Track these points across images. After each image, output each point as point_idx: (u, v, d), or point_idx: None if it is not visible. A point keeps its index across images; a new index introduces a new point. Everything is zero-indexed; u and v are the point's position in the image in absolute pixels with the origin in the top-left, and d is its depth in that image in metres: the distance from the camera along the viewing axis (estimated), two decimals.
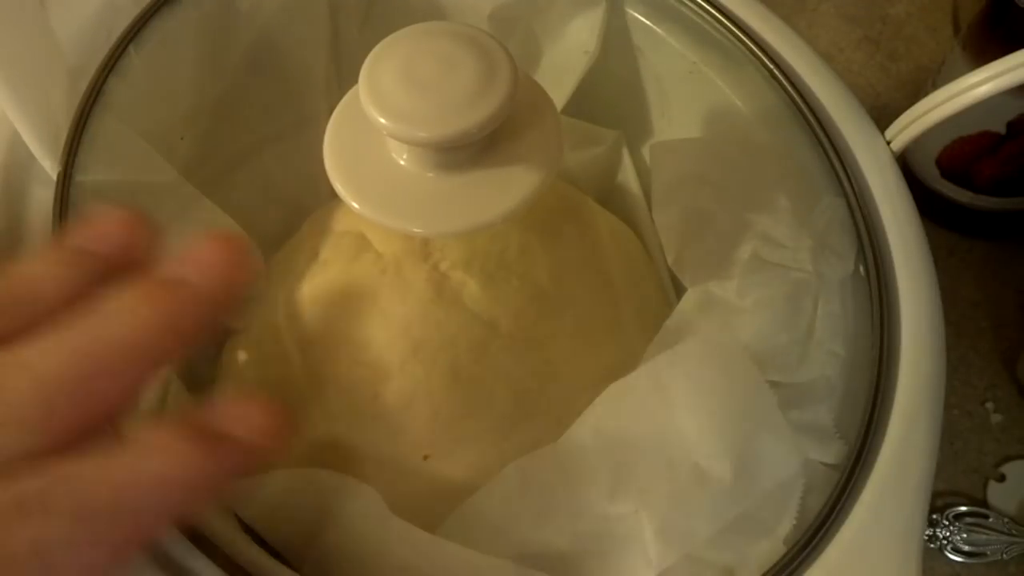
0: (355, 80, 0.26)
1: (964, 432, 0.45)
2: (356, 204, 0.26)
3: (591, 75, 0.36)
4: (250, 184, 0.36)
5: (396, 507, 0.26)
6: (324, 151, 0.27)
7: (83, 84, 0.29)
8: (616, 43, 0.36)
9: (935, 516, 0.42)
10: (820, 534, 0.25)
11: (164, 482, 0.20)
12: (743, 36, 0.32)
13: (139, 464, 0.20)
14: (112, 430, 0.22)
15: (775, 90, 0.32)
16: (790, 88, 0.32)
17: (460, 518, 0.28)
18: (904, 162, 0.42)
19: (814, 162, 0.31)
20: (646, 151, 0.38)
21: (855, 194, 0.30)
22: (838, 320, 0.29)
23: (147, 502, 0.20)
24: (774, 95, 0.32)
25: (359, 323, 0.31)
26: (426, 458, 0.29)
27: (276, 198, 0.37)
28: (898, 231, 0.30)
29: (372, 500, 0.27)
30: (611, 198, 0.38)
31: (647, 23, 0.35)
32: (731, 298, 0.30)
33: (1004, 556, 0.42)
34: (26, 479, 0.19)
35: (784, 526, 0.26)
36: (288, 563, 0.26)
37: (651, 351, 0.29)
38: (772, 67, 0.32)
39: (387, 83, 0.25)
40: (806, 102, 0.31)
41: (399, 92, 0.25)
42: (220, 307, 0.23)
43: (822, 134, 0.31)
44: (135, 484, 0.20)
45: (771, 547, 0.26)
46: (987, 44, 0.43)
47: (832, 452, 0.27)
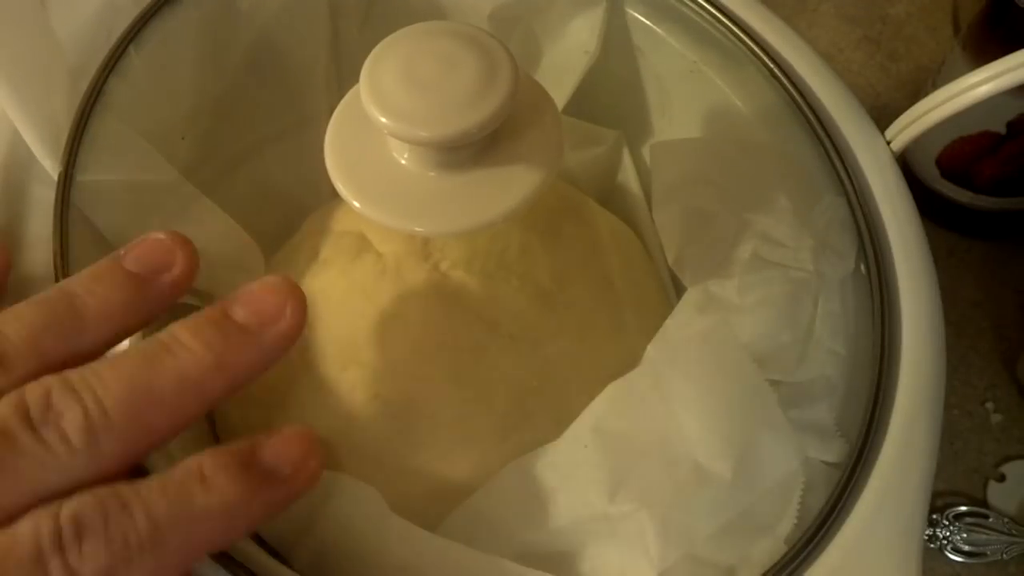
0: (355, 80, 0.26)
1: (964, 432, 0.45)
2: (357, 203, 0.26)
3: (591, 75, 0.36)
4: (250, 184, 0.36)
5: (396, 507, 0.26)
6: (325, 151, 0.27)
7: (83, 84, 0.29)
8: (616, 43, 0.36)
9: (935, 516, 0.42)
10: (821, 533, 0.25)
11: (205, 517, 0.20)
12: (743, 36, 0.32)
13: (181, 498, 0.20)
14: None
15: (775, 90, 0.32)
16: (790, 88, 0.32)
17: (460, 518, 0.28)
18: (904, 162, 0.42)
19: (814, 162, 0.31)
20: (646, 151, 0.38)
21: (855, 194, 0.30)
22: (838, 319, 0.29)
23: (186, 536, 0.20)
24: (774, 95, 0.32)
25: (359, 323, 0.31)
26: (426, 457, 0.29)
27: (276, 198, 0.37)
28: (898, 231, 0.30)
29: (372, 499, 0.27)
30: (611, 198, 0.38)
31: (647, 23, 0.35)
32: (731, 298, 0.30)
33: (1004, 556, 0.42)
34: (67, 510, 0.19)
35: (785, 525, 0.26)
36: (287, 561, 0.26)
37: (651, 351, 0.29)
38: (772, 67, 0.32)
39: (388, 82, 0.25)
40: (806, 102, 0.31)
41: (400, 91, 0.25)
42: (272, 355, 0.23)
43: (822, 134, 0.31)
44: (175, 518, 0.20)
45: (772, 546, 0.26)
46: (987, 44, 0.43)
47: (833, 451, 0.27)
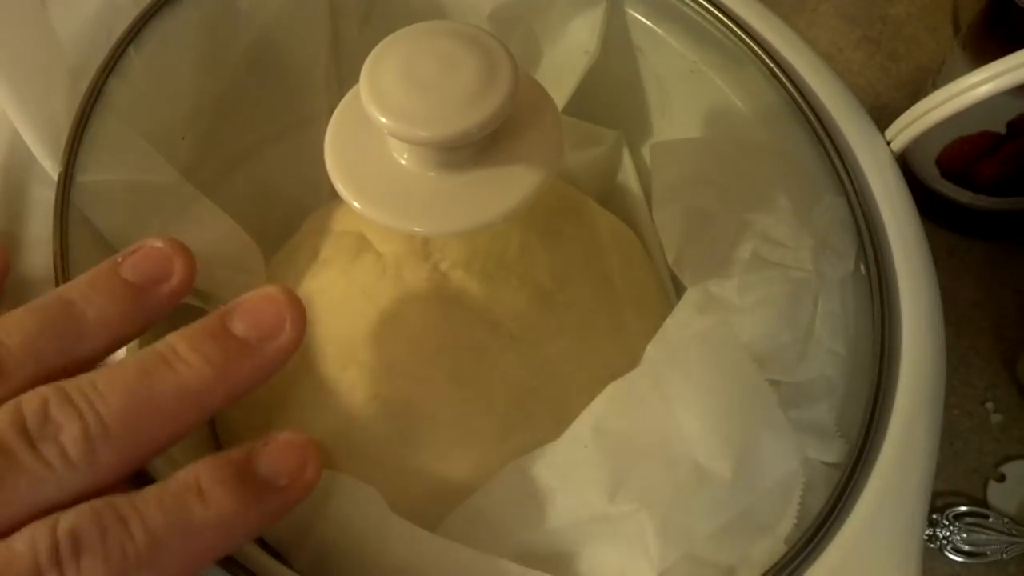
0: (355, 80, 0.26)
1: (964, 432, 0.45)
2: (357, 203, 0.26)
3: (591, 75, 0.36)
4: (250, 184, 0.36)
5: (396, 507, 0.26)
6: (325, 151, 0.27)
7: (83, 84, 0.29)
8: (616, 43, 0.36)
9: (935, 516, 0.42)
10: (820, 533, 0.25)
11: (202, 530, 0.20)
12: (743, 36, 0.32)
13: (178, 511, 0.20)
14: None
15: (775, 90, 0.32)
16: (790, 88, 0.32)
17: (460, 518, 0.28)
18: (904, 162, 0.42)
19: (814, 162, 0.31)
20: (646, 151, 0.38)
21: (855, 194, 0.30)
22: (838, 319, 0.29)
23: (184, 549, 0.20)
24: (774, 95, 0.32)
25: (359, 323, 0.31)
26: (426, 457, 0.29)
27: (276, 198, 0.37)
28: (898, 231, 0.30)
29: (372, 499, 0.27)
30: (611, 198, 0.38)
31: (647, 23, 0.35)
32: (731, 298, 0.30)
33: (1004, 556, 0.42)
34: (64, 524, 0.19)
35: (784, 525, 0.26)
36: (287, 562, 0.26)
37: (651, 351, 0.29)
38: (772, 67, 0.32)
39: (388, 82, 0.25)
40: (806, 102, 0.31)
41: (400, 91, 0.25)
42: (271, 368, 0.23)
43: (822, 134, 0.31)
44: (172, 531, 0.20)
45: (772, 546, 0.26)
46: (987, 44, 0.43)
47: (833, 451, 0.27)
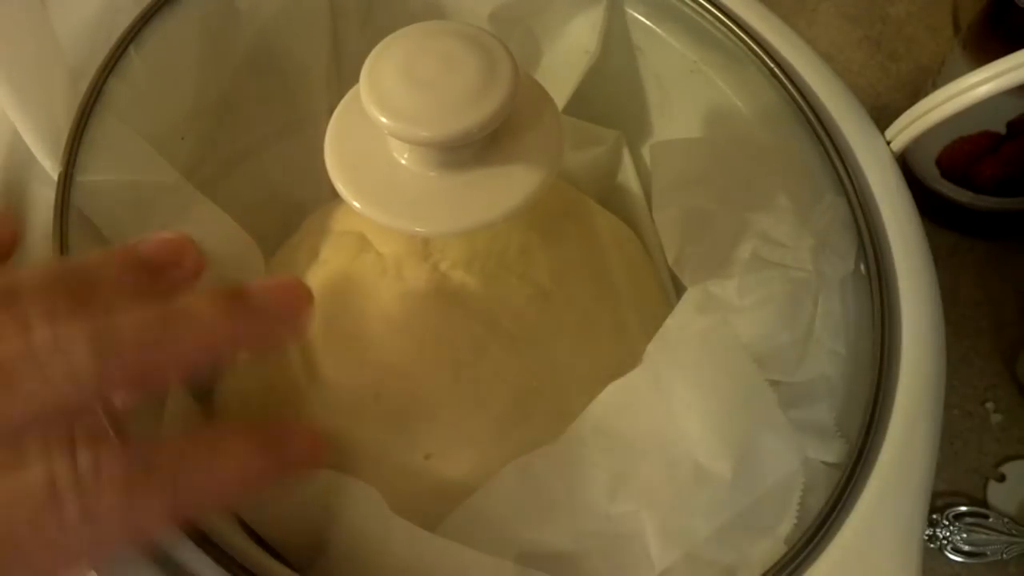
0: (355, 80, 0.26)
1: (964, 432, 0.45)
2: (357, 203, 0.26)
3: (591, 75, 0.36)
4: (250, 184, 0.36)
5: (396, 507, 0.26)
6: (325, 150, 0.27)
7: (84, 84, 0.29)
8: (616, 43, 0.36)
9: (935, 516, 0.42)
10: (821, 533, 0.25)
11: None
12: (743, 36, 0.32)
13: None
14: None
15: (775, 90, 0.32)
16: (790, 88, 0.32)
17: (460, 518, 0.28)
18: (904, 162, 0.42)
19: (814, 162, 0.31)
20: (646, 151, 0.38)
21: (855, 194, 0.30)
22: (838, 319, 0.29)
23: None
24: (774, 95, 0.32)
25: (359, 323, 0.31)
26: (427, 458, 0.29)
27: (276, 198, 0.37)
28: (898, 231, 0.30)
29: (373, 499, 0.27)
30: (611, 198, 0.38)
31: (647, 23, 0.35)
32: (731, 298, 0.30)
33: (1004, 556, 0.42)
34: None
35: (785, 525, 0.26)
36: (288, 562, 0.26)
37: (651, 351, 0.29)
38: (772, 67, 0.32)
39: (388, 82, 0.25)
40: (807, 102, 0.31)
41: (400, 91, 0.25)
42: (269, 346, 0.24)
43: (822, 134, 0.31)
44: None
45: (772, 546, 0.26)
46: (987, 44, 0.43)
47: (833, 451, 0.27)
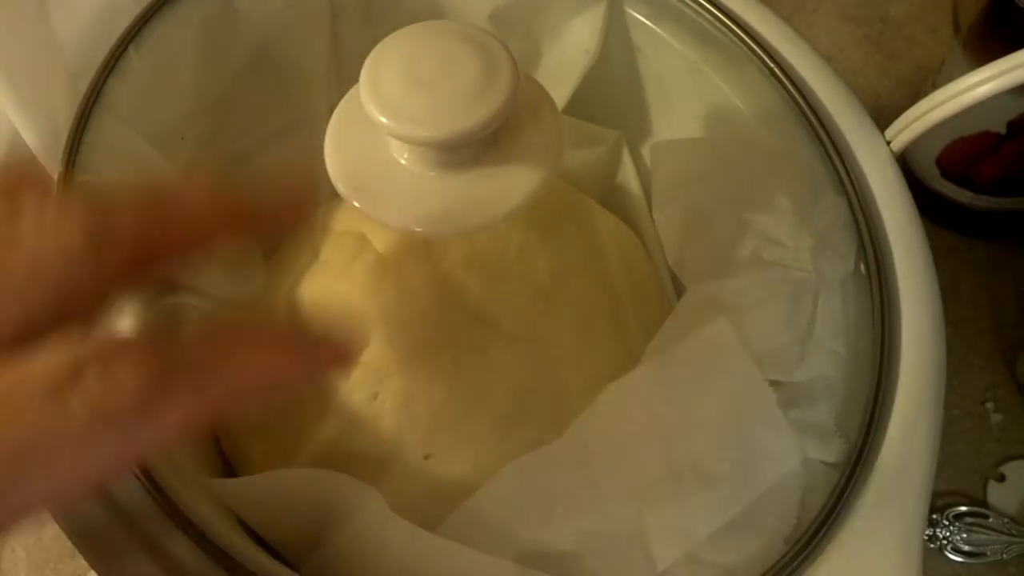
0: (355, 80, 0.26)
1: (964, 432, 0.45)
2: (357, 203, 0.26)
3: (591, 75, 0.36)
4: (250, 184, 0.36)
5: (396, 507, 0.26)
6: (325, 150, 0.27)
7: (84, 84, 0.29)
8: (616, 43, 0.36)
9: (935, 516, 0.42)
10: (820, 534, 0.25)
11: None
12: (743, 35, 0.32)
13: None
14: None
15: (776, 90, 0.32)
16: (791, 88, 0.32)
17: (460, 518, 0.28)
18: (904, 162, 0.42)
19: (814, 161, 0.31)
20: (646, 151, 0.38)
21: (855, 194, 0.30)
22: (838, 319, 0.29)
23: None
24: (775, 95, 0.32)
25: (359, 323, 0.31)
26: (427, 458, 0.29)
27: None
28: (898, 231, 0.30)
29: (373, 500, 0.27)
30: (611, 198, 0.38)
31: (647, 23, 0.35)
32: (731, 298, 0.30)
33: (1004, 556, 0.42)
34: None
35: (784, 525, 0.26)
36: (287, 562, 0.26)
37: (651, 351, 0.29)
38: (773, 67, 0.32)
39: (388, 82, 0.25)
40: (807, 102, 0.31)
41: (400, 91, 0.25)
42: (298, 376, 0.22)
43: (822, 134, 0.31)
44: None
45: (771, 546, 0.26)
46: (987, 44, 0.43)
47: (832, 451, 0.27)
